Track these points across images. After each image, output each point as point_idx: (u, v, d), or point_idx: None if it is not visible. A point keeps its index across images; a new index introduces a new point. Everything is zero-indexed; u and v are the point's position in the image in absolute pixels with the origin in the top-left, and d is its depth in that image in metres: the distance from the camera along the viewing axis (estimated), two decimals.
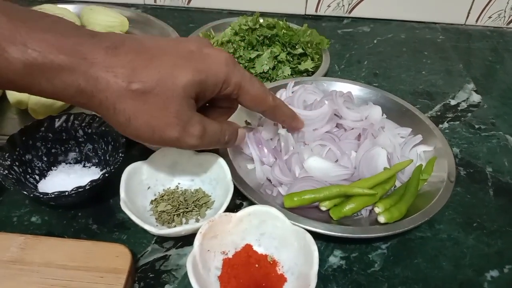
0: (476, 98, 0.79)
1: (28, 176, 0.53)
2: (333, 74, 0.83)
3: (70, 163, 0.58)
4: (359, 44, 0.94)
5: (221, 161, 0.53)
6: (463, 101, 0.78)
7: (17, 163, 0.52)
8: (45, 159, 0.56)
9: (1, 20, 0.34)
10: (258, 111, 0.50)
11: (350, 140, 0.59)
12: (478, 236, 0.54)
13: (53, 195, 0.47)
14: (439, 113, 0.74)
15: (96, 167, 0.57)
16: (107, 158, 0.56)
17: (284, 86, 0.67)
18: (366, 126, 0.59)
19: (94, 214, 0.53)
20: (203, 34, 0.85)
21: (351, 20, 1.03)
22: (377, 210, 0.50)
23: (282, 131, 0.58)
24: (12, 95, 0.64)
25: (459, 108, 0.76)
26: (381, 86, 0.80)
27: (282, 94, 0.65)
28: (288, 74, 0.76)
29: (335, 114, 0.61)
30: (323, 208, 0.51)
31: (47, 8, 0.82)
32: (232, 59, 0.44)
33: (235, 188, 0.50)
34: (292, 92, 0.67)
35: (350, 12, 1.02)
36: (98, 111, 0.39)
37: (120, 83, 0.37)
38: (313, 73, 0.77)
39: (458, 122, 0.72)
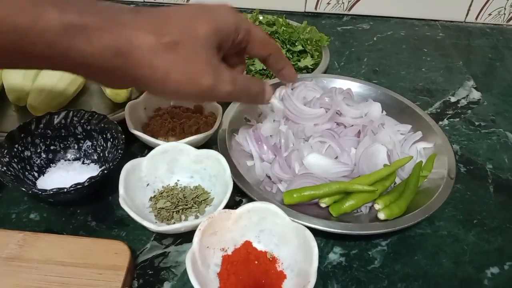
0: (476, 95, 0.78)
1: (26, 173, 0.53)
2: (333, 71, 0.83)
3: (69, 160, 0.57)
4: (358, 41, 0.94)
5: (221, 158, 0.52)
6: (463, 98, 0.78)
7: (15, 160, 0.52)
8: (44, 156, 0.56)
9: None
10: (265, 55, 0.51)
11: (350, 137, 0.58)
12: (478, 233, 0.54)
13: (51, 192, 0.47)
14: (439, 110, 0.74)
15: (95, 164, 0.57)
16: (106, 155, 0.56)
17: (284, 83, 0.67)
18: (366, 123, 0.59)
19: (93, 211, 0.53)
20: None
21: (350, 18, 1.02)
22: (377, 206, 0.50)
23: (283, 128, 0.58)
24: (11, 92, 0.64)
25: (459, 105, 0.76)
26: (380, 83, 0.79)
27: (282, 92, 0.65)
28: None
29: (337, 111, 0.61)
30: (323, 205, 0.51)
31: None
32: (235, 9, 0.46)
33: (235, 185, 0.50)
34: (292, 89, 0.67)
35: (349, 9, 1.02)
36: (135, 72, 0.40)
37: (152, 38, 0.39)
38: (312, 70, 0.77)
39: (458, 119, 0.72)
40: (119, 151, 0.52)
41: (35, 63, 0.38)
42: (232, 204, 0.54)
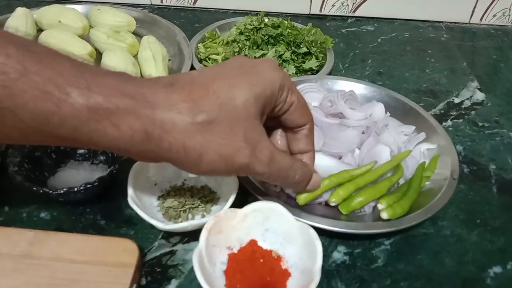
0: (480, 96, 0.79)
1: (37, 173, 0.54)
2: (337, 72, 0.83)
3: (78, 160, 0.58)
4: (363, 43, 0.94)
5: None
6: (467, 99, 0.78)
7: (27, 160, 0.53)
8: (54, 156, 0.57)
9: (65, 65, 0.33)
10: (302, 122, 0.46)
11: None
12: (481, 232, 0.54)
13: (62, 191, 0.48)
14: (442, 111, 0.75)
15: (104, 164, 0.58)
16: (115, 155, 0.57)
17: None
18: (370, 124, 0.60)
19: (102, 210, 0.54)
20: (209, 33, 0.86)
21: (355, 20, 1.03)
22: (380, 206, 0.51)
23: None
24: None
25: (462, 106, 0.76)
26: (385, 84, 0.80)
27: None
28: (293, 73, 0.76)
29: (340, 113, 0.62)
30: (333, 204, 0.51)
31: (55, 9, 0.83)
32: (276, 63, 0.43)
33: (240, 185, 0.51)
34: None
35: (354, 11, 1.02)
36: (168, 155, 0.37)
37: (186, 119, 0.36)
38: (317, 71, 0.78)
39: (461, 120, 0.73)
40: None
41: (62, 142, 0.36)
42: (238, 203, 0.54)
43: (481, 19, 1.03)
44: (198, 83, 0.38)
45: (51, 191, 0.49)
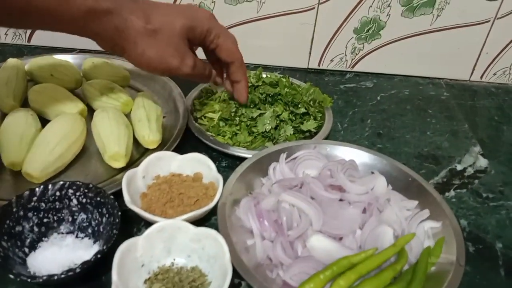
0: (483, 163, 0.76)
1: (17, 250, 0.51)
2: (336, 133, 0.81)
3: (62, 233, 0.55)
4: (362, 100, 0.92)
5: (220, 239, 0.50)
6: (470, 166, 0.76)
7: (5, 237, 0.50)
8: (36, 229, 0.54)
9: None
10: (228, 61, 0.66)
11: (355, 215, 0.56)
12: None
13: (41, 280, 0.44)
14: (445, 180, 0.72)
15: (89, 239, 0.55)
16: (101, 229, 0.54)
17: (288, 149, 0.66)
18: (371, 200, 0.57)
19: None
20: (205, 89, 0.84)
21: (354, 75, 1.02)
22: None
23: (286, 204, 0.56)
24: (7, 157, 0.62)
25: (465, 174, 0.74)
26: (385, 147, 0.78)
27: (275, 167, 0.64)
28: (291, 134, 0.74)
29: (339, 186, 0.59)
30: None
31: (48, 62, 0.81)
32: (214, 16, 0.64)
33: (234, 268, 0.48)
34: (295, 158, 0.65)
35: (353, 66, 1.01)
36: (124, 44, 0.57)
37: (140, 23, 0.56)
38: (316, 132, 0.75)
39: (465, 190, 0.70)
40: (114, 232, 0.50)
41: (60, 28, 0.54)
42: (231, 287, 0.51)
43: (481, 77, 1.03)
44: (152, 6, 0.58)
45: (29, 279, 0.45)
